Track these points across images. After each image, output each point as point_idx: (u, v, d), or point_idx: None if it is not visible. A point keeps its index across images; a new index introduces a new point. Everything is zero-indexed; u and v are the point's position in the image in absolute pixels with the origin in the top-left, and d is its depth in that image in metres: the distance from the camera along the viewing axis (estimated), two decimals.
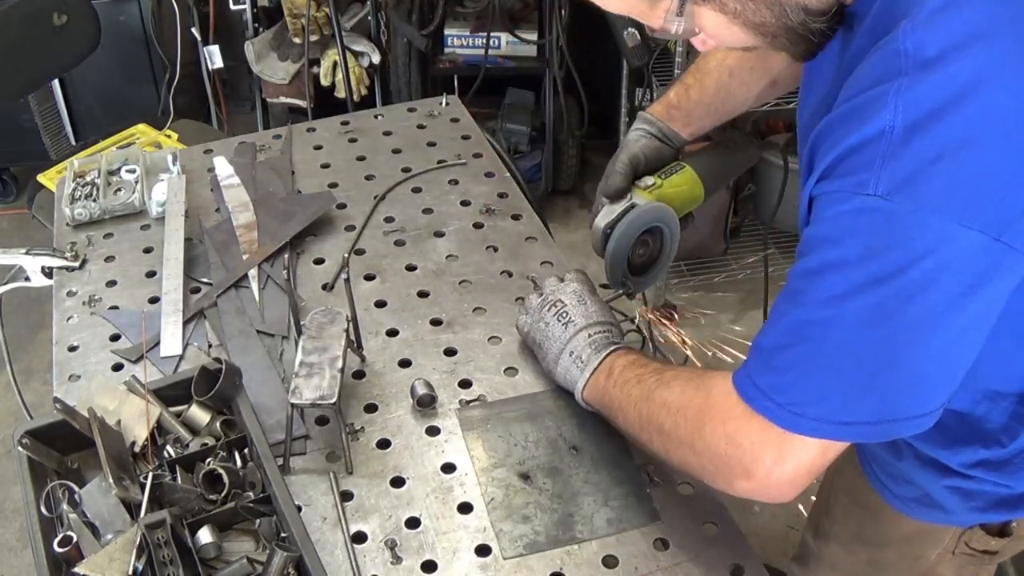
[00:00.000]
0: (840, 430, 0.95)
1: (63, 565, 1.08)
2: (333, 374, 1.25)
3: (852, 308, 0.89)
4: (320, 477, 1.26)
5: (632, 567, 1.15)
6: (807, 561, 1.57)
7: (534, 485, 1.24)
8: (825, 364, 0.93)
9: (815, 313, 0.92)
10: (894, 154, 0.85)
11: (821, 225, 0.92)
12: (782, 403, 0.96)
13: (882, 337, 0.89)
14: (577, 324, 1.29)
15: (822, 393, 0.94)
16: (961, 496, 1.22)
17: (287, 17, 3.09)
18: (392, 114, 1.97)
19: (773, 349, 0.97)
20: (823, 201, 0.91)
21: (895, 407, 0.93)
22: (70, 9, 2.63)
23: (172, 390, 1.27)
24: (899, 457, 1.25)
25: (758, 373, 0.98)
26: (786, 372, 0.96)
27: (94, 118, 3.39)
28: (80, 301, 1.53)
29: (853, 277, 0.89)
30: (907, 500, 1.28)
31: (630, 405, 1.16)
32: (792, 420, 0.96)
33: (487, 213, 1.69)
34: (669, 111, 1.46)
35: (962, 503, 1.22)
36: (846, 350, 0.91)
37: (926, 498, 1.25)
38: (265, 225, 1.65)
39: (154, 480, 1.15)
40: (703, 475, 1.08)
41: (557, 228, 3.36)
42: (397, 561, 1.16)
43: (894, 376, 0.91)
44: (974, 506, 1.22)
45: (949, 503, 1.23)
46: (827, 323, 0.91)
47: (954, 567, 1.34)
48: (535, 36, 3.15)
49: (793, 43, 0.97)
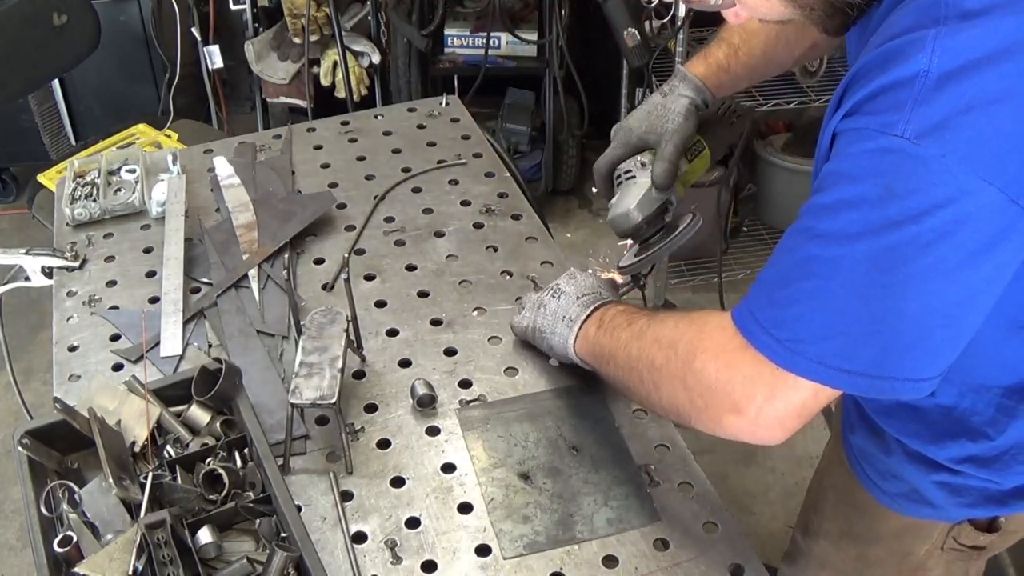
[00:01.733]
0: (836, 376, 0.92)
1: (63, 565, 1.08)
2: (333, 374, 1.25)
3: (864, 248, 0.87)
4: (320, 477, 1.26)
5: (632, 567, 1.15)
6: (796, 559, 1.57)
7: (534, 485, 1.24)
8: (830, 303, 0.90)
9: (825, 250, 0.89)
10: (926, 99, 0.83)
11: (842, 161, 0.89)
12: (781, 338, 0.93)
13: (891, 283, 0.87)
14: (569, 293, 1.29)
15: (824, 333, 0.91)
16: (949, 492, 1.21)
17: (287, 17, 3.09)
18: (392, 114, 1.97)
19: (777, 283, 0.95)
20: (847, 137, 0.89)
21: (895, 363, 0.90)
22: (70, 9, 2.63)
23: (172, 390, 1.27)
24: (887, 453, 1.24)
25: (759, 307, 0.96)
26: (788, 307, 0.93)
27: (94, 118, 3.39)
28: (80, 301, 1.53)
29: (870, 217, 0.86)
30: (895, 496, 1.28)
31: (620, 347, 1.14)
32: (789, 358, 0.93)
33: (487, 213, 1.69)
34: (718, 75, 1.38)
35: (950, 499, 1.22)
36: (853, 291, 0.88)
37: (914, 494, 1.24)
38: (265, 225, 1.65)
39: (154, 480, 1.15)
40: (692, 412, 1.04)
41: (557, 228, 3.36)
42: (397, 561, 1.16)
43: (898, 327, 0.88)
44: (962, 502, 1.22)
45: (937, 499, 1.23)
46: (837, 261, 0.88)
47: (943, 563, 1.34)
48: (535, 36, 3.15)
49: (829, 16, 0.96)
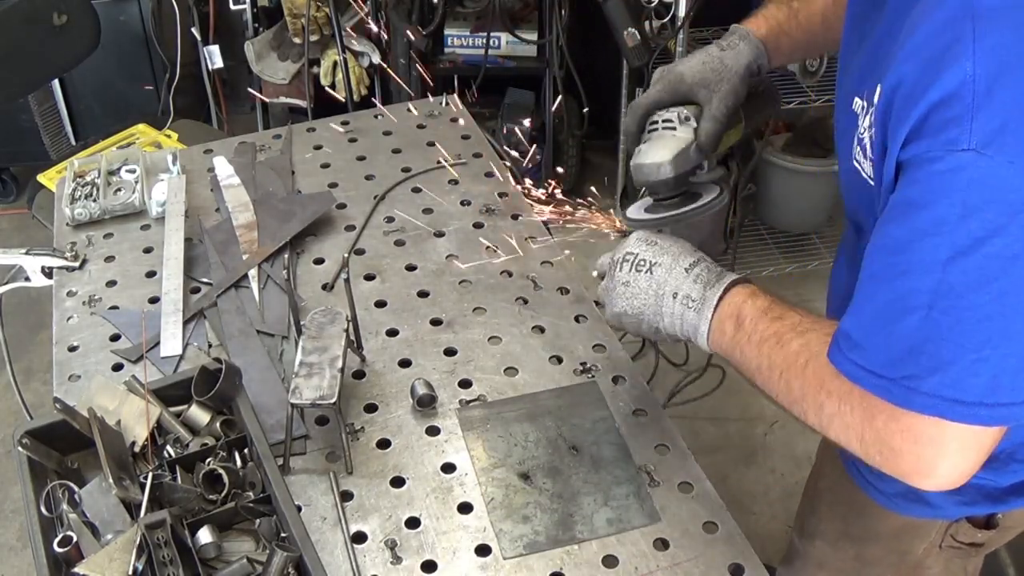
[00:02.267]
0: (952, 408, 0.87)
1: (63, 565, 1.08)
2: (333, 374, 1.24)
3: (957, 272, 0.83)
4: (320, 477, 1.26)
5: (632, 567, 1.15)
6: (793, 561, 1.56)
7: (534, 485, 1.24)
8: (935, 333, 0.86)
9: (918, 282, 0.85)
10: (980, 106, 0.81)
11: (911, 188, 0.86)
12: (894, 377, 0.88)
13: (989, 302, 0.83)
14: (663, 264, 1.14)
15: (934, 365, 0.86)
16: (947, 490, 1.21)
17: (287, 17, 3.09)
18: (392, 114, 1.97)
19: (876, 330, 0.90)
20: (914, 164, 0.86)
21: (1009, 388, 0.86)
22: (70, 9, 2.63)
23: (172, 390, 1.27)
24: None
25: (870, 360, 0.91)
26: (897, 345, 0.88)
27: (94, 118, 3.39)
28: (80, 301, 1.53)
29: (953, 238, 0.83)
30: (892, 496, 1.27)
31: (775, 373, 1.04)
32: (904, 395, 0.88)
33: (487, 213, 1.69)
34: (778, 38, 1.28)
35: (947, 497, 1.21)
36: (955, 318, 0.84)
37: (911, 493, 1.23)
38: (265, 225, 1.65)
39: (154, 480, 1.15)
40: (866, 457, 0.98)
41: (557, 228, 3.36)
42: (397, 561, 1.16)
43: (1005, 348, 0.84)
44: (959, 500, 1.21)
45: (934, 497, 1.22)
46: (935, 290, 0.85)
47: (941, 560, 1.33)
48: (535, 36, 3.15)
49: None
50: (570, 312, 1.50)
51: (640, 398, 1.36)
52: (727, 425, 2.76)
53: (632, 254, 1.17)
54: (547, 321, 1.48)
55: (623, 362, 1.42)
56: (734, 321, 1.08)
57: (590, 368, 1.40)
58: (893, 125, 0.89)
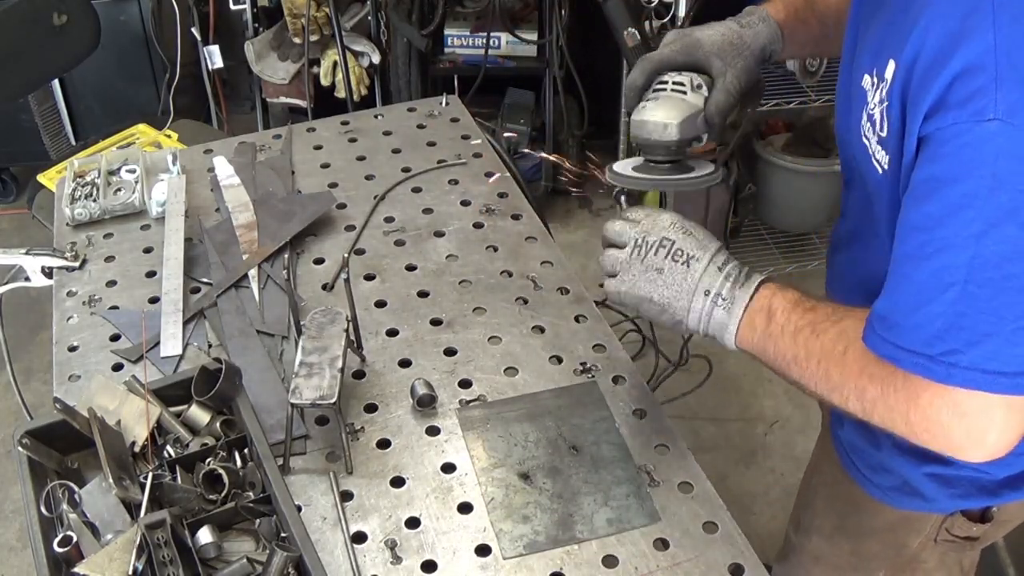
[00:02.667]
0: (996, 381, 0.87)
1: (63, 565, 1.08)
2: (333, 374, 1.25)
3: (991, 244, 0.83)
4: (320, 477, 1.26)
5: (632, 567, 1.15)
6: (789, 556, 1.57)
7: (534, 485, 1.24)
8: (973, 306, 0.86)
9: (955, 257, 0.85)
10: (1004, 75, 0.80)
11: (938, 164, 0.85)
12: (933, 355, 0.89)
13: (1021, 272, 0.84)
14: (700, 259, 1.09)
15: (973, 338, 0.87)
16: (940, 483, 1.20)
17: (287, 17, 3.09)
18: (392, 114, 1.97)
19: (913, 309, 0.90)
20: (939, 138, 0.85)
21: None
22: (70, 9, 2.63)
23: (172, 390, 1.27)
24: (877, 447, 1.24)
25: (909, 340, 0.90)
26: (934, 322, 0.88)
27: (94, 118, 3.39)
28: (80, 301, 1.53)
29: (985, 212, 0.83)
30: (887, 489, 1.27)
31: (812, 360, 1.02)
32: (944, 371, 0.89)
33: (487, 213, 1.69)
34: (794, 25, 1.24)
35: (942, 490, 1.21)
36: (991, 290, 0.85)
37: (906, 486, 1.23)
38: (265, 225, 1.65)
39: (154, 480, 1.15)
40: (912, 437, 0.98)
41: (557, 228, 3.36)
42: (397, 561, 1.16)
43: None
44: (954, 493, 1.21)
45: (929, 491, 1.22)
46: (970, 265, 0.85)
47: (937, 554, 1.33)
48: (535, 36, 3.15)
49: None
50: (570, 312, 1.50)
51: (640, 398, 1.36)
52: (727, 425, 2.76)
53: (670, 241, 1.11)
54: (547, 321, 1.48)
55: (623, 362, 1.42)
56: (765, 315, 1.06)
57: (590, 368, 1.40)
58: (913, 98, 0.88)
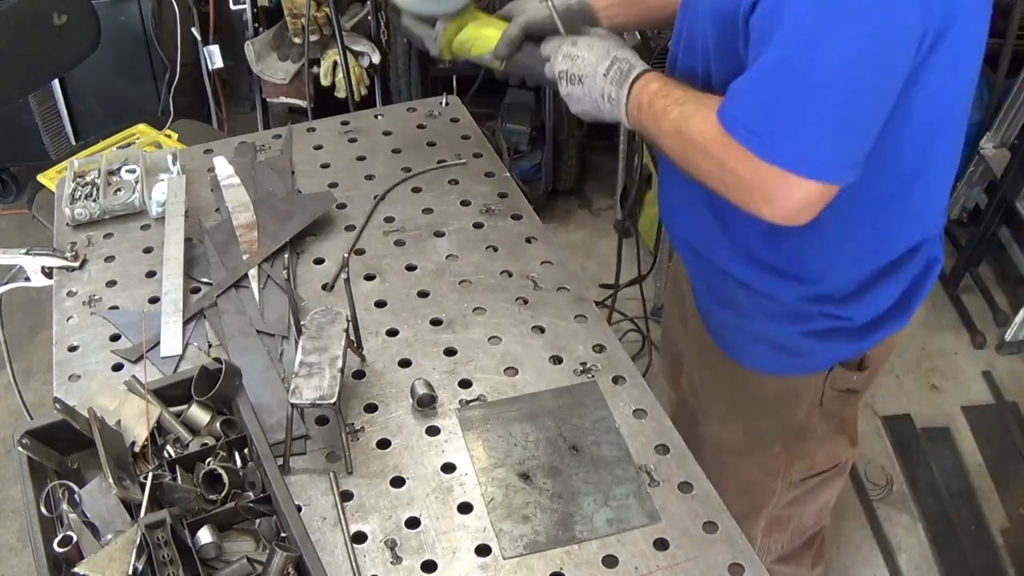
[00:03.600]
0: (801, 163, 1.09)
1: (63, 565, 1.08)
2: (333, 374, 1.25)
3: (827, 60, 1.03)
4: (320, 477, 1.26)
5: (632, 567, 1.15)
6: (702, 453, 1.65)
7: (534, 485, 1.24)
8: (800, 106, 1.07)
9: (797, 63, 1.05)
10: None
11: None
12: (757, 131, 1.10)
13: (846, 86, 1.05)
14: (587, 74, 1.33)
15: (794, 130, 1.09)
16: (814, 339, 1.39)
17: (287, 17, 3.09)
18: (392, 114, 1.97)
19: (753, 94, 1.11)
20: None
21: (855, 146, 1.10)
22: (70, 9, 2.63)
23: (172, 390, 1.27)
24: (748, 317, 1.41)
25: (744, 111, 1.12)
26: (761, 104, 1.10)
27: (94, 118, 3.39)
28: (80, 301, 1.53)
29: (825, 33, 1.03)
30: (767, 358, 1.43)
31: (664, 136, 1.25)
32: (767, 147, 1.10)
33: (487, 213, 1.69)
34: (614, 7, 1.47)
35: (816, 344, 1.40)
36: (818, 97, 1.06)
37: (783, 350, 1.42)
38: (265, 225, 1.65)
39: (154, 480, 1.15)
40: (732, 199, 1.19)
41: (557, 228, 3.36)
42: (397, 561, 1.16)
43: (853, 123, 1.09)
44: (828, 346, 1.40)
45: (804, 347, 1.41)
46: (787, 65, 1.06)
47: (824, 416, 1.52)
48: None
49: None
50: (570, 312, 1.50)
51: (640, 398, 1.36)
52: None
53: (563, 71, 1.35)
54: (547, 321, 1.48)
55: (623, 362, 1.42)
56: (637, 105, 1.29)
57: (590, 368, 1.40)
58: None
